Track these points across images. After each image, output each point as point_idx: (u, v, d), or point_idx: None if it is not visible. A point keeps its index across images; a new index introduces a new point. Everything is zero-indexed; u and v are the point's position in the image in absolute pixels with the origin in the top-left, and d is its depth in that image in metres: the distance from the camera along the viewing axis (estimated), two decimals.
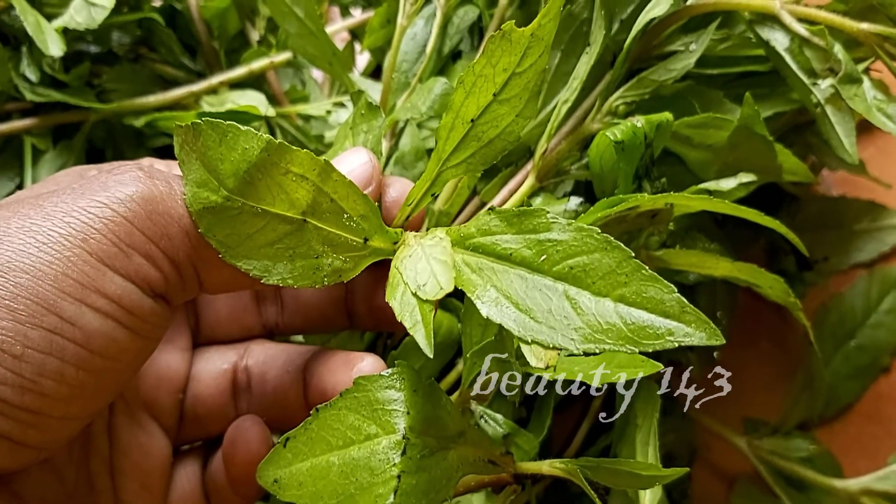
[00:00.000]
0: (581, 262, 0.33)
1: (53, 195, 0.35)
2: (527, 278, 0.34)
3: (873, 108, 0.53)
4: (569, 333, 0.32)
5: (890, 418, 0.66)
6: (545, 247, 0.34)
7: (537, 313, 0.33)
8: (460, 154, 0.40)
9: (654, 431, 0.50)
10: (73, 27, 0.57)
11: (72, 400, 0.34)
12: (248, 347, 0.47)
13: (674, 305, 0.32)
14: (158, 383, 0.44)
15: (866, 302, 0.67)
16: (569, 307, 0.33)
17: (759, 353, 0.70)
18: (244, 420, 0.43)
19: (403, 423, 0.37)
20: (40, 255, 0.33)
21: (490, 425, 0.48)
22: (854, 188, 0.73)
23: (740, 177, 0.54)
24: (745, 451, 0.63)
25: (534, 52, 0.38)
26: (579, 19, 0.57)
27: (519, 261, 0.35)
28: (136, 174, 0.36)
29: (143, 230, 0.35)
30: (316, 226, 0.37)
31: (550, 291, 0.33)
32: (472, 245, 0.37)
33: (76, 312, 0.33)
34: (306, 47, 0.59)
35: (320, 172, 0.37)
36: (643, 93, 0.55)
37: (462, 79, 0.38)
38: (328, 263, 0.38)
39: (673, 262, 0.53)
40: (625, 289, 0.32)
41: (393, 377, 0.38)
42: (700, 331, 0.31)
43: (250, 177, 0.35)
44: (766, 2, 0.54)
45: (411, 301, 0.35)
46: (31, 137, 0.61)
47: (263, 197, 0.36)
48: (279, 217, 0.37)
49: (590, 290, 0.33)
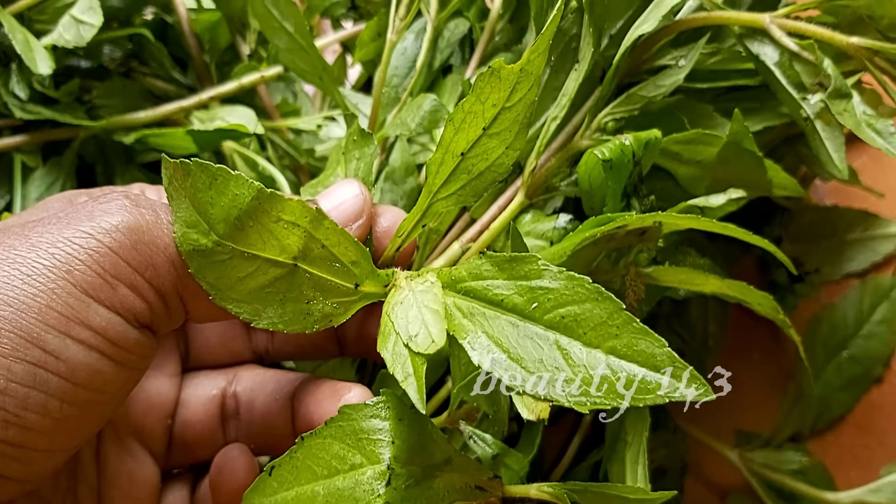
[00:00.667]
0: (572, 312, 0.34)
1: (39, 224, 0.35)
2: (518, 325, 0.34)
3: (862, 124, 0.53)
4: (560, 385, 0.32)
5: (882, 429, 0.66)
6: (536, 294, 0.34)
7: (528, 363, 0.33)
8: (450, 186, 0.41)
9: (644, 450, 0.50)
10: (61, 45, 0.57)
11: (56, 432, 0.34)
12: (238, 373, 0.47)
13: (664, 360, 0.32)
14: (148, 409, 0.44)
15: (858, 312, 0.68)
16: (560, 357, 0.33)
17: (751, 365, 0.70)
18: (231, 449, 0.43)
19: (388, 453, 0.37)
20: (24, 288, 0.33)
21: (479, 446, 0.48)
22: (847, 197, 0.73)
23: (730, 192, 0.54)
24: (736, 464, 0.63)
25: (523, 87, 0.38)
26: (568, 35, 0.57)
27: (510, 307, 0.35)
28: (123, 203, 0.36)
29: (128, 261, 0.35)
30: (307, 271, 0.37)
31: (542, 340, 0.34)
32: (463, 289, 0.37)
33: (60, 345, 0.33)
34: (296, 62, 0.59)
35: (312, 220, 0.37)
36: (632, 109, 0.55)
37: (451, 116, 0.38)
38: (318, 308, 0.38)
39: (662, 279, 0.53)
40: (616, 341, 0.33)
41: (378, 406, 0.38)
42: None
43: (241, 223, 0.36)
44: (756, 16, 0.54)
45: (403, 352, 0.35)
46: (20, 155, 0.61)
47: (254, 242, 0.36)
48: (270, 261, 0.37)
49: (581, 341, 0.33)
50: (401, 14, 0.60)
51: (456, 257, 0.53)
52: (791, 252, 0.70)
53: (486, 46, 0.63)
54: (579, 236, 0.48)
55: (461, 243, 0.53)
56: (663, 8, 0.53)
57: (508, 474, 0.47)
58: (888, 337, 0.67)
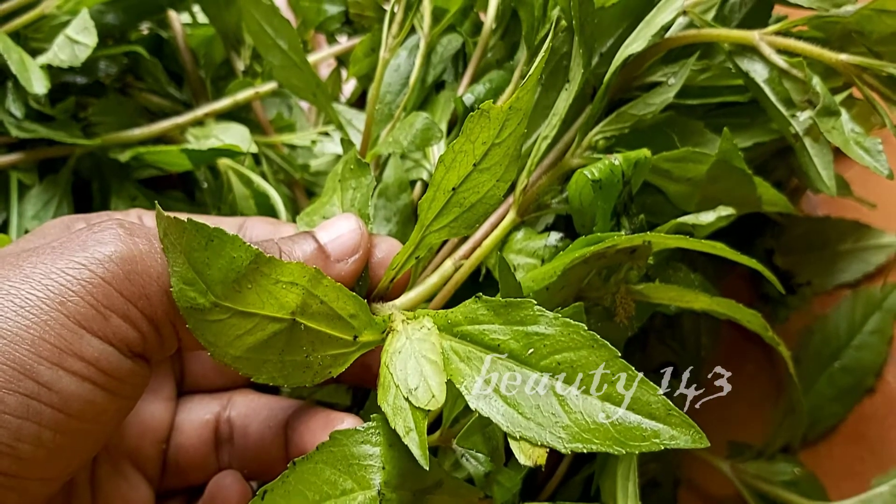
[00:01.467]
0: (568, 358, 0.34)
1: (33, 254, 0.35)
2: (514, 370, 0.35)
3: (851, 141, 0.53)
4: (557, 431, 0.33)
5: (874, 440, 0.66)
6: (532, 340, 0.35)
7: (525, 409, 0.34)
8: (442, 220, 0.41)
9: (634, 465, 0.51)
10: (57, 64, 0.57)
11: (50, 462, 0.34)
12: (232, 398, 0.47)
13: (659, 408, 0.32)
14: (142, 433, 0.44)
15: (850, 323, 0.68)
16: (557, 404, 0.33)
17: (743, 377, 0.70)
18: (225, 476, 0.43)
19: (379, 478, 0.38)
20: (17, 320, 0.33)
21: (471, 464, 0.48)
22: (839, 208, 0.74)
23: (719, 210, 0.55)
24: (729, 476, 0.64)
25: (512, 123, 0.39)
26: (559, 54, 0.57)
27: (507, 352, 0.35)
28: (117, 232, 0.36)
29: (121, 291, 0.35)
30: (306, 326, 0.38)
31: (538, 386, 0.34)
32: (459, 333, 0.37)
33: (53, 377, 0.33)
34: (290, 79, 0.59)
35: (311, 279, 0.37)
36: (623, 127, 0.55)
37: (442, 157, 0.39)
38: (318, 361, 0.39)
39: (653, 297, 0.53)
40: (611, 388, 0.33)
41: (368, 432, 0.39)
42: (685, 434, 0.32)
43: (238, 285, 0.36)
44: (745, 33, 0.54)
45: (404, 406, 0.36)
46: (17, 172, 0.61)
47: (252, 302, 0.36)
48: (269, 318, 0.37)
49: (577, 388, 0.34)
50: (394, 31, 0.60)
51: (448, 274, 0.53)
52: (783, 264, 0.70)
53: (478, 62, 0.63)
54: (570, 255, 0.49)
55: (454, 260, 0.53)
56: (653, 27, 0.53)
57: (501, 491, 0.48)
58: (880, 347, 0.67)
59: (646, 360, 0.67)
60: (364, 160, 0.46)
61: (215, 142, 0.61)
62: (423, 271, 0.56)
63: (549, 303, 0.50)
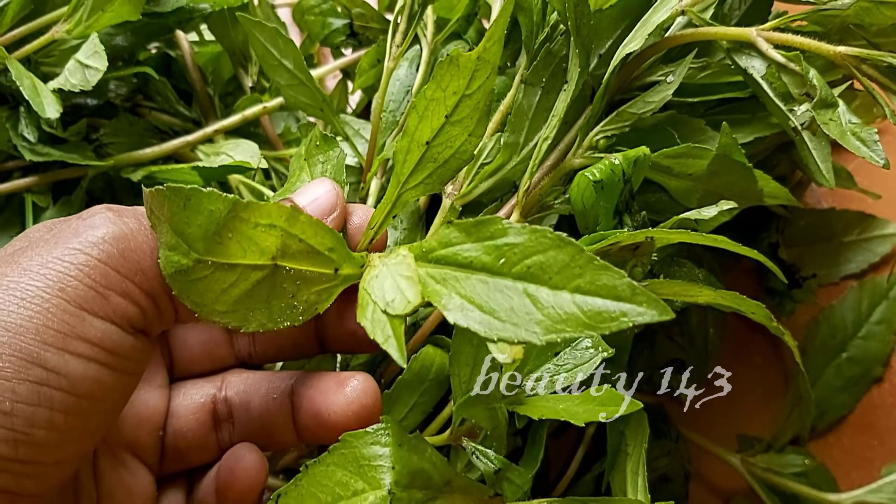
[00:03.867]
0: (538, 261, 0.34)
1: (28, 249, 0.36)
2: (488, 282, 0.35)
3: (847, 133, 0.53)
4: (531, 327, 0.33)
5: (883, 428, 0.67)
6: (503, 251, 0.35)
7: (500, 313, 0.34)
8: (418, 175, 0.42)
9: (644, 460, 0.52)
10: (68, 88, 0.58)
11: (63, 445, 0.35)
12: (225, 378, 0.48)
13: (625, 289, 0.32)
14: (139, 423, 0.45)
15: (857, 314, 0.68)
16: (529, 303, 0.34)
17: (751, 370, 0.71)
18: (240, 448, 0.44)
19: (389, 478, 0.39)
20: (20, 312, 0.34)
21: (482, 462, 0.49)
22: (844, 199, 0.74)
23: (721, 204, 0.55)
24: (738, 469, 0.64)
25: (481, 75, 0.40)
26: (558, 56, 0.58)
27: (479, 267, 0.36)
28: (106, 216, 0.38)
29: (117, 269, 0.36)
30: (287, 267, 0.38)
31: (511, 291, 0.34)
32: (434, 258, 0.38)
33: (60, 361, 0.34)
34: (297, 96, 0.60)
35: (288, 218, 0.38)
36: (623, 126, 0.56)
37: (415, 103, 0.40)
38: (304, 299, 0.39)
39: (657, 292, 0.53)
40: (580, 280, 0.33)
41: (378, 433, 0.40)
42: (652, 309, 0.32)
43: (219, 237, 0.37)
44: (742, 30, 0.55)
45: (382, 318, 0.37)
46: (31, 195, 0.63)
47: (234, 253, 0.37)
48: (251, 267, 0.38)
49: (547, 286, 0.34)
50: (397, 41, 0.61)
51: None
52: (788, 257, 0.71)
53: None
54: None
55: None
56: (650, 26, 0.54)
57: (512, 489, 0.49)
58: (887, 337, 0.68)
59: (654, 357, 0.68)
60: (330, 135, 0.47)
61: (226, 158, 0.62)
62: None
63: None
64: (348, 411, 0.43)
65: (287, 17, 0.77)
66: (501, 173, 0.58)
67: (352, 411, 0.43)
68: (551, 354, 0.50)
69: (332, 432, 0.43)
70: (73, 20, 0.61)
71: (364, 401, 0.43)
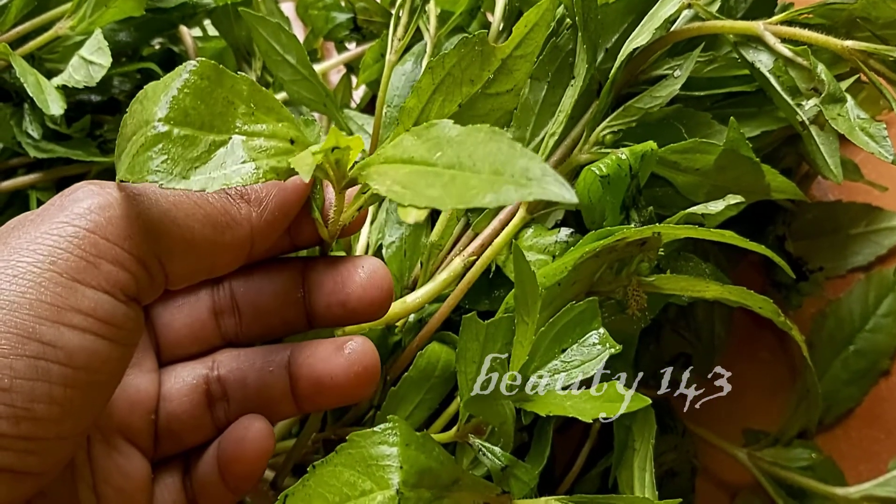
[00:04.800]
0: (468, 151, 0.34)
1: (16, 230, 0.36)
2: (421, 170, 0.35)
3: (856, 128, 0.53)
4: (442, 197, 0.34)
5: (891, 422, 0.66)
6: (441, 145, 0.35)
7: (421, 188, 0.34)
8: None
9: (651, 456, 0.52)
10: (72, 85, 0.58)
11: (63, 419, 0.35)
12: (216, 359, 0.48)
13: (536, 170, 0.32)
14: (131, 407, 0.45)
15: (864, 306, 0.68)
16: (450, 183, 0.34)
17: (759, 364, 0.71)
18: (246, 419, 0.45)
19: (397, 478, 0.39)
20: (12, 288, 0.34)
21: (489, 459, 0.49)
22: (851, 191, 0.74)
23: (728, 199, 0.55)
24: (745, 464, 0.64)
25: (503, 81, 0.40)
26: (564, 51, 0.57)
27: (419, 161, 0.36)
28: (89, 188, 0.38)
29: (106, 237, 0.36)
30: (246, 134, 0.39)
31: (440, 177, 0.35)
32: (385, 158, 0.38)
33: (55, 334, 0.34)
34: (301, 92, 0.60)
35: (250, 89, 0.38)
36: (630, 120, 0.56)
37: (432, 65, 0.39)
38: (264, 167, 0.39)
39: (665, 287, 0.54)
40: (498, 164, 0.33)
41: (385, 433, 0.40)
42: (556, 189, 0.32)
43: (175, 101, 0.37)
44: (749, 24, 0.55)
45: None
46: (36, 192, 0.63)
47: (193, 120, 0.37)
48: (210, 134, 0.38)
49: (471, 171, 0.34)
50: (399, 34, 0.61)
51: (459, 272, 0.54)
52: (795, 250, 0.70)
53: None
54: (580, 250, 0.49)
55: (463, 258, 0.54)
56: (657, 20, 0.54)
57: (519, 485, 0.49)
58: (894, 329, 0.67)
59: (660, 352, 0.68)
60: (311, 118, 0.48)
61: None
62: (435, 271, 0.57)
63: (562, 298, 0.51)
64: (350, 373, 0.43)
65: (291, 11, 0.77)
66: None
67: (353, 373, 0.43)
68: (558, 351, 0.50)
69: (335, 397, 0.44)
70: (77, 16, 0.61)
71: (365, 361, 0.44)
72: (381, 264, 0.45)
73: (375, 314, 0.45)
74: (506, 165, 0.33)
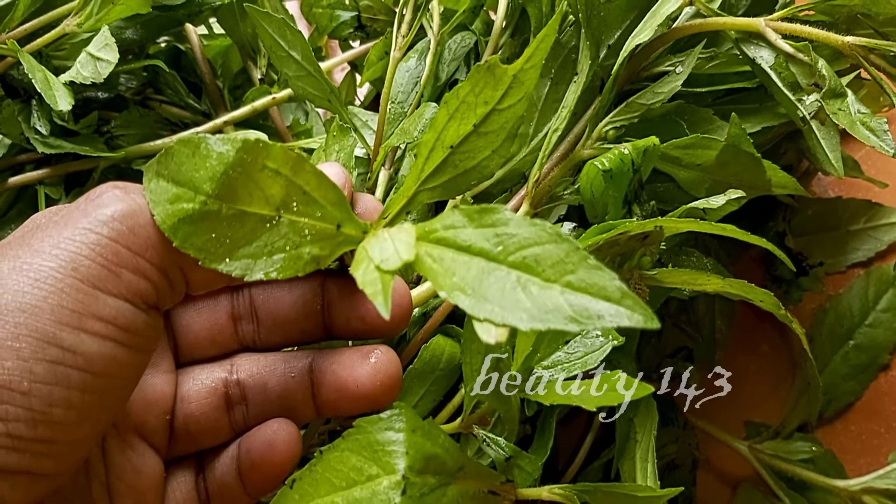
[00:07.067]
0: (533, 253, 0.35)
1: (38, 231, 0.37)
2: (483, 266, 0.36)
3: (857, 123, 0.54)
4: (518, 313, 0.33)
5: (890, 415, 0.67)
6: (501, 239, 0.36)
7: (490, 296, 0.34)
8: (437, 178, 0.42)
9: (653, 447, 0.52)
10: (80, 81, 0.59)
11: (80, 423, 0.36)
12: (235, 362, 0.48)
13: (615, 291, 0.33)
14: (147, 407, 0.45)
15: (864, 302, 0.69)
16: (520, 291, 0.34)
17: (759, 358, 0.71)
18: (276, 423, 0.45)
19: (403, 464, 0.39)
20: (34, 292, 0.34)
21: (493, 449, 0.50)
22: (851, 188, 0.74)
23: (730, 193, 0.56)
24: (746, 456, 0.65)
25: (514, 94, 0.40)
26: (567, 47, 0.58)
27: (477, 251, 0.36)
28: (114, 193, 0.38)
29: (128, 246, 0.37)
30: (291, 219, 0.39)
31: (503, 278, 0.34)
32: (435, 238, 0.38)
33: (75, 340, 0.35)
34: (306, 88, 0.61)
35: (293, 165, 0.38)
36: (632, 116, 0.56)
37: (447, 99, 0.40)
38: (307, 251, 0.39)
39: (666, 281, 0.54)
40: (571, 276, 0.33)
41: (392, 419, 0.40)
42: (638, 314, 0.32)
43: (227, 178, 0.37)
44: (751, 21, 0.55)
45: (373, 273, 0.37)
46: (44, 187, 0.63)
47: (240, 197, 0.38)
48: (255, 215, 0.38)
49: (539, 277, 0.34)
50: (403, 31, 0.62)
51: None
52: (795, 246, 0.71)
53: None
54: (583, 244, 0.50)
55: None
56: (659, 17, 0.54)
57: (522, 476, 0.49)
58: (893, 324, 0.68)
59: (662, 345, 0.68)
60: (346, 125, 0.47)
61: None
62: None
63: None
64: (375, 381, 0.44)
65: (295, 10, 0.78)
66: (511, 164, 0.58)
67: (379, 381, 0.44)
68: (562, 343, 0.50)
69: (359, 404, 0.44)
70: (84, 13, 0.61)
71: (390, 370, 0.44)
72: (401, 280, 0.46)
73: (394, 329, 0.46)
74: (579, 279, 0.33)
